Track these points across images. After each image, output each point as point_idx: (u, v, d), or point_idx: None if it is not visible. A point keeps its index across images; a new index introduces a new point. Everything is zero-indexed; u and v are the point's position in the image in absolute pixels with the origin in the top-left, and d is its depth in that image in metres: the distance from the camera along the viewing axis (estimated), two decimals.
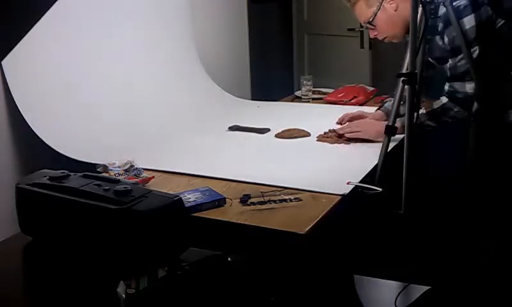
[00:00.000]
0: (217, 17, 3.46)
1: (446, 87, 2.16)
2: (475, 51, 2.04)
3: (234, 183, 1.94)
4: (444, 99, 2.17)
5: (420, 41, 1.87)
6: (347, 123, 2.49)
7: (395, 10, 2.24)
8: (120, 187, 1.45)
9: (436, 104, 2.18)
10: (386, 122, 2.16)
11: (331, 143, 2.36)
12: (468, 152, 2.19)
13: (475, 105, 2.10)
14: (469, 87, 2.09)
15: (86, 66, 2.46)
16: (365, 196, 1.86)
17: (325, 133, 2.45)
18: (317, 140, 2.41)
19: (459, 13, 2.03)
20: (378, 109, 2.61)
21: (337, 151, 2.29)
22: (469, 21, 2.03)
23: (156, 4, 2.94)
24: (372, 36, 2.38)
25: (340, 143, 2.35)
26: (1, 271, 1.54)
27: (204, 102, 3.02)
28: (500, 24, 2.07)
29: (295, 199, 1.78)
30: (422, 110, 2.21)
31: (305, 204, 1.75)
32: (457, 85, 2.11)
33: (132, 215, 1.38)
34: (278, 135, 2.50)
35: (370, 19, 2.28)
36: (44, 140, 2.10)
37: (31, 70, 2.22)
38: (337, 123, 2.58)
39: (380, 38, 2.34)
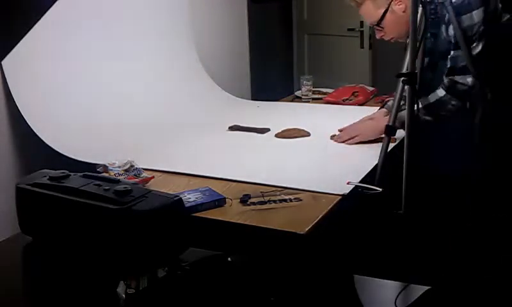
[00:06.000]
0: (217, 17, 3.46)
1: (445, 79, 2.14)
2: (480, 44, 2.03)
3: (234, 183, 1.94)
4: (440, 92, 2.14)
5: (420, 41, 1.87)
6: (343, 131, 2.38)
7: (404, 11, 2.21)
8: (120, 187, 1.45)
9: (432, 97, 2.16)
10: (383, 119, 2.16)
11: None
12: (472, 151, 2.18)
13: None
14: (470, 80, 2.07)
15: (85, 66, 2.46)
16: (365, 196, 1.86)
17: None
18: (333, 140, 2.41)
19: (468, 5, 2.01)
20: (381, 108, 2.60)
21: (337, 151, 2.29)
22: (478, 14, 2.01)
23: (156, 4, 2.94)
24: (378, 37, 2.33)
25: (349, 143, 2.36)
26: (1, 271, 1.54)
27: (204, 102, 3.02)
28: (505, 19, 2.06)
29: (295, 199, 1.78)
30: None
31: (305, 204, 1.75)
32: (458, 77, 2.09)
33: (132, 215, 1.38)
34: (278, 135, 2.50)
35: (379, 20, 2.24)
36: (44, 140, 2.10)
37: (31, 70, 2.22)
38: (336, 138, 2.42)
39: (386, 38, 2.31)
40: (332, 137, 2.43)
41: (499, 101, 2.11)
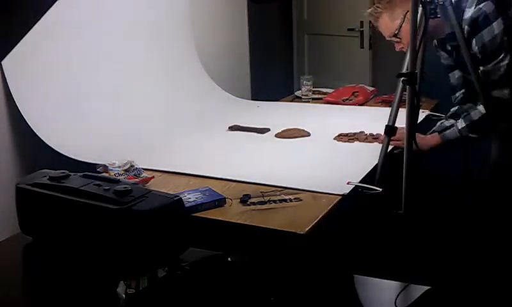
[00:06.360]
0: (217, 17, 3.46)
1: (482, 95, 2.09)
2: (508, 55, 1.99)
3: (234, 183, 1.94)
4: (482, 108, 2.11)
5: (420, 41, 1.87)
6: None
7: None
8: (120, 187, 1.45)
9: (475, 115, 2.14)
10: (432, 136, 2.24)
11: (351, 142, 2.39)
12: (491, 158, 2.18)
13: None
14: (507, 92, 2.03)
15: (85, 66, 2.46)
16: (365, 196, 1.86)
17: (344, 135, 2.44)
18: (337, 140, 2.41)
19: (486, 18, 1.99)
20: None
21: (337, 151, 2.29)
22: (498, 25, 1.99)
23: (156, 4, 2.94)
24: (398, 49, 2.28)
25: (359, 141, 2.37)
26: (1, 271, 1.54)
27: (204, 102, 3.02)
28: None
29: (295, 199, 1.78)
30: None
31: (305, 204, 1.75)
32: (495, 92, 2.04)
33: (132, 215, 1.38)
34: (278, 135, 2.50)
35: (396, 32, 2.22)
36: (44, 140, 2.10)
37: (31, 70, 2.22)
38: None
39: (406, 50, 2.28)
40: (338, 137, 2.43)
41: None
